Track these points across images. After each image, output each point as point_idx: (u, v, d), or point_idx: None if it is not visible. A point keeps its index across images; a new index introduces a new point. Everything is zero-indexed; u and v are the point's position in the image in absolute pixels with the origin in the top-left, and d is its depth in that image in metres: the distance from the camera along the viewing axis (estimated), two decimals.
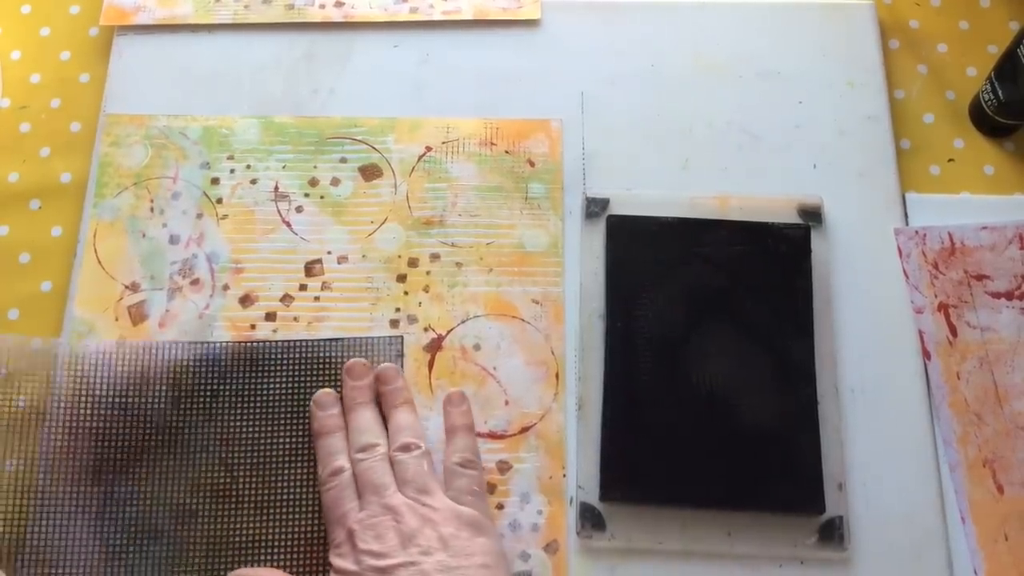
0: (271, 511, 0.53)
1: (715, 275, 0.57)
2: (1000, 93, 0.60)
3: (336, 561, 0.49)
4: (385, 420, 0.54)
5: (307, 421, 0.55)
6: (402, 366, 0.56)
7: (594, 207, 0.60)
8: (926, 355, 0.57)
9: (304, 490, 0.54)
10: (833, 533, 0.53)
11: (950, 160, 0.63)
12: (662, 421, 0.54)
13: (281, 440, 0.54)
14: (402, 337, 0.57)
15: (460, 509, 0.50)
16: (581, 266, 0.59)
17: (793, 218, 0.59)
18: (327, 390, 0.55)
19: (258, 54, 0.65)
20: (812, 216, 0.59)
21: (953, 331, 0.57)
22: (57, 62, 0.66)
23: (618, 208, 0.60)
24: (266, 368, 0.56)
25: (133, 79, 0.64)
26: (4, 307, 0.59)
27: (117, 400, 0.55)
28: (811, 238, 0.58)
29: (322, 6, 0.66)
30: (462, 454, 0.53)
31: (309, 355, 0.56)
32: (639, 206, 0.59)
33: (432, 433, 0.55)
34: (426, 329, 0.57)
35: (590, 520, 0.53)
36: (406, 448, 0.52)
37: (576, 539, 0.53)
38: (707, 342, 0.56)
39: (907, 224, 0.60)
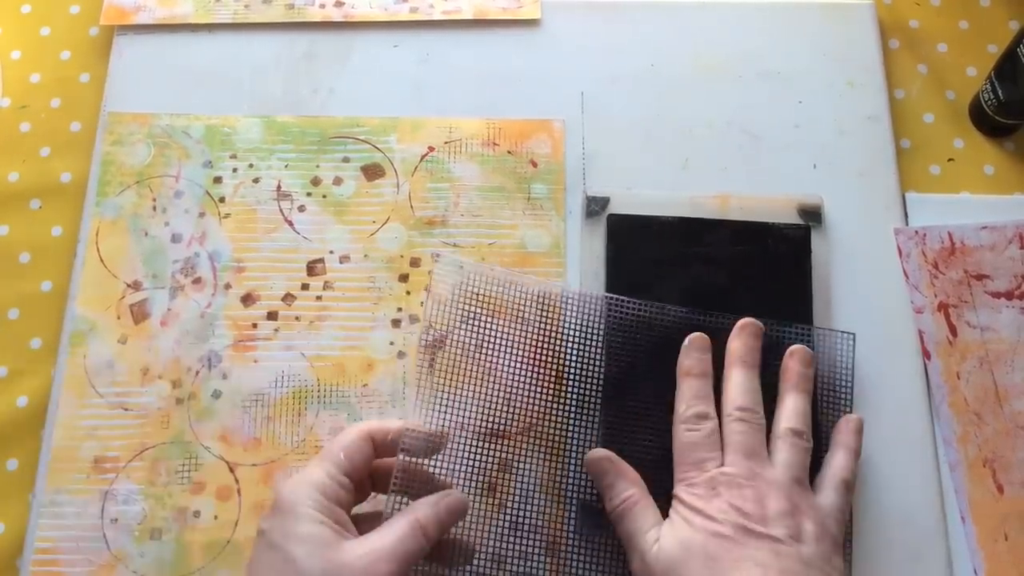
0: None
1: (715, 275, 0.57)
2: (1000, 93, 0.60)
3: (689, 498, 0.47)
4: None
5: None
6: (852, 370, 0.54)
7: (594, 206, 0.60)
8: (926, 355, 0.57)
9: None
10: None
11: (950, 160, 0.63)
12: (661, 420, 0.54)
13: None
14: (854, 335, 0.55)
15: (830, 525, 0.47)
16: (581, 265, 0.59)
17: (793, 218, 0.59)
18: (704, 335, 0.53)
19: (258, 54, 0.65)
20: (812, 216, 0.59)
21: (953, 331, 0.57)
22: (57, 62, 0.66)
23: (618, 207, 0.60)
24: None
25: (133, 79, 0.64)
26: (4, 307, 0.59)
27: None
28: (811, 238, 0.58)
29: (322, 6, 0.66)
30: (845, 473, 0.50)
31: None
32: (639, 205, 0.60)
33: None
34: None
35: (589, 519, 0.53)
36: (797, 434, 0.49)
37: (577, 538, 0.53)
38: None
39: (907, 224, 0.60)
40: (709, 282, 0.57)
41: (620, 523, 0.49)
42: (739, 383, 0.50)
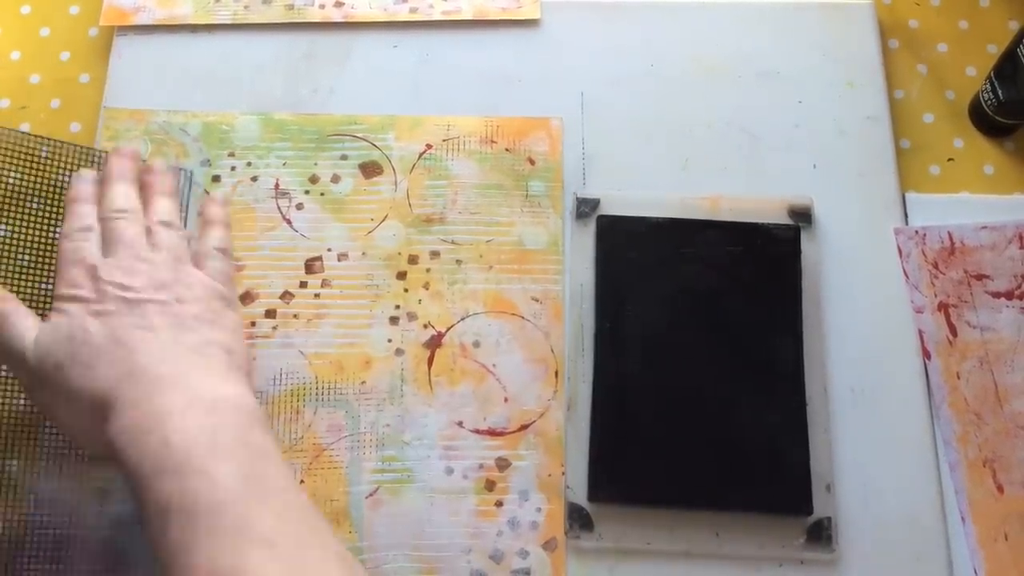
0: None
1: (704, 276, 0.57)
2: (1000, 93, 0.60)
3: (65, 290, 0.47)
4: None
5: None
6: (189, 197, 0.60)
7: (584, 207, 0.60)
8: (926, 355, 0.57)
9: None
10: (821, 534, 0.53)
11: (950, 160, 0.63)
12: (650, 422, 0.54)
13: None
14: (192, 171, 0.61)
15: (216, 284, 0.50)
16: (572, 266, 0.59)
17: (783, 219, 0.59)
18: (90, 170, 0.54)
19: (258, 54, 0.65)
20: (802, 217, 0.59)
21: (953, 331, 0.57)
22: (57, 62, 0.66)
23: (608, 208, 0.60)
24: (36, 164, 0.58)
25: (133, 79, 0.64)
26: None
27: None
28: (801, 239, 0.58)
29: (322, 6, 0.66)
30: (220, 243, 0.53)
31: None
32: (630, 206, 0.59)
33: (430, 429, 0.55)
34: (426, 326, 0.57)
35: (578, 520, 0.53)
36: (168, 225, 0.51)
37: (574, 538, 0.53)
38: (696, 343, 0.56)
39: (907, 224, 0.60)
40: (698, 283, 0.57)
41: None
42: (108, 195, 0.52)
